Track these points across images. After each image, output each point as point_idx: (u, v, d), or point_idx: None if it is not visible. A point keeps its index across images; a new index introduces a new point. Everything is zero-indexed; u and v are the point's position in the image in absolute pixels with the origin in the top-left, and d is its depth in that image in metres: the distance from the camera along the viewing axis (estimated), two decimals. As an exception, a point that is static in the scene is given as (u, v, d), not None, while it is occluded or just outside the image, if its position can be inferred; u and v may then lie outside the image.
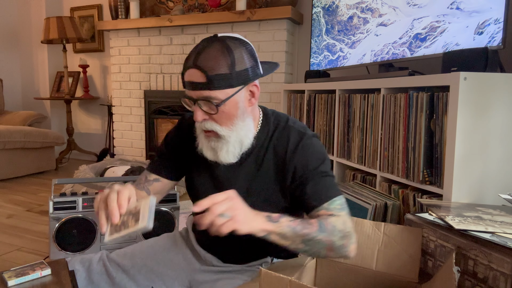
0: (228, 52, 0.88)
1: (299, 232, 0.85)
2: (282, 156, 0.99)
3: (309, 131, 1.02)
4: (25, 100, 4.35)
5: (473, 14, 1.52)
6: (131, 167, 2.58)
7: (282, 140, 1.00)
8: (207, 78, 0.87)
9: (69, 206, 1.50)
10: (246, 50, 0.91)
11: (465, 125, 1.25)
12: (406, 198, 1.50)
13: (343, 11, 2.35)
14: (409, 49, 1.84)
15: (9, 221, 2.15)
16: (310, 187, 0.96)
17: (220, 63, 0.87)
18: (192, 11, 3.38)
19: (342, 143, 2.02)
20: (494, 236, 0.91)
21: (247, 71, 0.90)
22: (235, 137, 0.95)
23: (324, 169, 0.98)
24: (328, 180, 0.97)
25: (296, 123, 1.05)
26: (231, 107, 0.92)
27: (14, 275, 1.00)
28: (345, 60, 2.34)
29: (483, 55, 1.31)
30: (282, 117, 1.06)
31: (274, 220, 0.84)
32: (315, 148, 1.00)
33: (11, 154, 3.17)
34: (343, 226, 0.89)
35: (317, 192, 0.95)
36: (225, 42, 0.89)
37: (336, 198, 0.95)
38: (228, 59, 0.88)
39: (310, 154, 0.98)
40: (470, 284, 0.93)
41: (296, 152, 0.98)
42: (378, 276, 1.01)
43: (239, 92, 0.92)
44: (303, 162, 0.97)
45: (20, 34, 4.26)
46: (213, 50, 0.88)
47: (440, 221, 1.04)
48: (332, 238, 0.87)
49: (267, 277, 0.77)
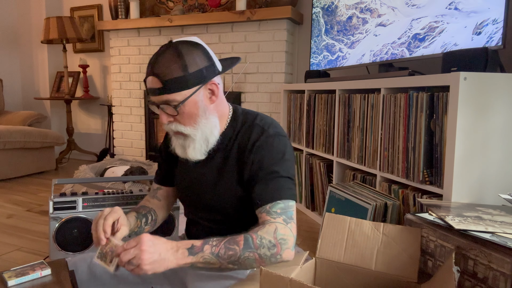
0: (180, 56, 0.94)
1: (223, 256, 0.89)
2: (243, 151, 1.03)
3: (272, 129, 1.04)
4: (25, 100, 4.35)
5: (471, 14, 1.53)
6: (131, 167, 2.58)
7: (245, 136, 1.04)
8: (162, 83, 0.94)
9: (69, 206, 1.49)
10: (198, 52, 0.97)
11: (465, 125, 1.25)
12: (406, 198, 1.51)
13: (342, 12, 2.35)
14: (408, 49, 1.84)
15: (9, 221, 2.15)
16: (259, 186, 0.98)
17: (173, 67, 0.94)
18: (192, 11, 3.39)
19: (342, 143, 2.02)
20: (494, 236, 0.91)
21: (202, 72, 0.96)
22: (200, 135, 1.01)
23: (277, 170, 0.99)
24: (279, 182, 0.98)
25: (264, 120, 1.07)
26: (191, 107, 0.98)
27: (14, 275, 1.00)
28: (345, 60, 2.35)
29: (483, 55, 1.31)
30: (251, 114, 1.09)
31: (195, 251, 0.88)
32: (273, 147, 1.01)
33: (11, 154, 3.18)
34: (274, 235, 0.91)
35: (263, 192, 0.98)
36: (177, 47, 0.96)
37: (280, 201, 0.96)
38: (180, 63, 0.94)
39: (266, 152, 1.00)
40: (470, 284, 0.93)
41: (253, 149, 1.01)
42: (378, 276, 1.01)
43: (196, 92, 0.97)
44: (258, 159, 1.00)
45: (20, 34, 4.26)
46: (166, 57, 0.95)
47: (440, 221, 1.04)
48: (259, 252, 0.90)
49: (268, 276, 0.77)
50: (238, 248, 0.89)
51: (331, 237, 1.09)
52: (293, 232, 0.95)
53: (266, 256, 0.90)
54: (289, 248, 0.93)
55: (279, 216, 0.95)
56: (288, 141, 1.07)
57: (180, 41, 0.98)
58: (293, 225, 0.96)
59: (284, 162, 1.01)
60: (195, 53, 0.96)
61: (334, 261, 1.06)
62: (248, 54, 3.05)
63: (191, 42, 0.98)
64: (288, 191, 0.99)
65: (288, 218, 0.96)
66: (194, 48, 0.96)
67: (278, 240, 0.91)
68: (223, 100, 1.08)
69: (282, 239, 0.92)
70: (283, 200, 0.97)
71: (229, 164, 1.05)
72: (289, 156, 1.03)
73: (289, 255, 0.93)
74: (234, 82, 3.12)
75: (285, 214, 0.96)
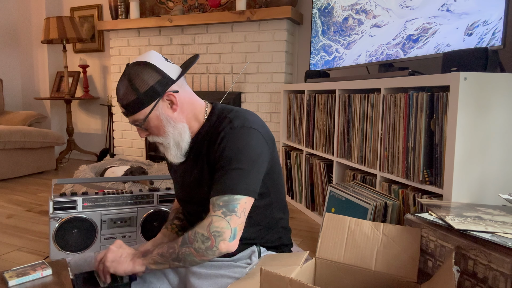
0: (130, 80, 1.03)
1: (166, 254, 0.99)
2: (211, 143, 1.07)
3: (238, 121, 1.05)
4: (25, 100, 4.35)
5: (462, 16, 1.56)
6: (131, 167, 2.58)
7: (216, 129, 1.07)
8: (124, 108, 1.05)
9: (69, 206, 1.50)
10: (147, 71, 1.02)
11: (465, 125, 1.25)
12: (406, 198, 1.51)
13: (338, 13, 2.38)
14: (402, 50, 1.87)
15: (9, 221, 2.15)
16: (217, 177, 1.02)
17: (126, 92, 1.03)
18: (192, 11, 3.39)
19: (342, 143, 2.02)
20: (494, 236, 0.91)
21: (153, 88, 1.02)
22: (172, 142, 1.09)
23: (236, 162, 1.00)
24: (234, 174, 0.99)
25: (236, 113, 1.09)
26: (154, 121, 1.06)
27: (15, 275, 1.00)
28: (341, 60, 2.37)
29: (483, 55, 1.31)
30: (227, 109, 1.12)
31: (147, 253, 1.03)
32: (236, 139, 1.02)
33: (11, 154, 3.18)
34: (207, 228, 0.95)
35: (216, 183, 1.01)
36: (128, 73, 1.04)
37: (226, 195, 0.97)
38: (130, 87, 1.03)
39: (228, 144, 1.02)
40: (470, 284, 0.93)
41: (218, 140, 1.04)
42: (377, 276, 1.01)
43: (155, 107, 1.05)
44: (220, 150, 1.03)
45: (20, 34, 4.26)
46: (120, 84, 1.05)
47: (440, 221, 1.04)
48: (194, 246, 0.96)
49: (268, 276, 0.77)
50: (177, 246, 0.98)
51: (331, 237, 1.09)
52: (231, 225, 0.96)
53: (201, 250, 0.95)
54: (225, 239, 0.95)
55: (219, 209, 0.97)
56: (259, 134, 1.05)
57: (132, 63, 1.06)
58: (233, 217, 0.96)
59: (245, 155, 1.01)
60: (143, 73, 1.02)
61: (334, 261, 1.06)
62: (248, 54, 3.05)
63: (139, 63, 1.04)
64: (240, 185, 0.98)
65: (228, 211, 0.96)
66: (142, 68, 1.03)
67: (211, 233, 0.95)
68: (193, 101, 1.12)
69: (216, 231, 0.95)
70: (230, 194, 0.97)
71: (202, 156, 1.10)
72: (254, 150, 1.02)
73: (226, 247, 0.96)
74: (234, 82, 3.12)
75: (226, 207, 0.97)
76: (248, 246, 1.13)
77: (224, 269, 1.06)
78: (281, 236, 1.21)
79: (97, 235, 1.54)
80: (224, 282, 1.02)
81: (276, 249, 1.19)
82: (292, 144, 2.63)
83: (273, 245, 1.18)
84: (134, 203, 1.60)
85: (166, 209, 1.62)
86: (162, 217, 1.62)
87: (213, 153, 1.05)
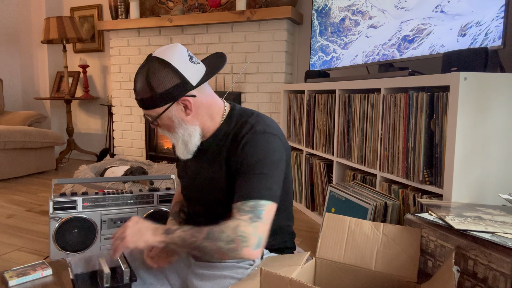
0: (148, 77, 1.00)
1: (188, 241, 0.96)
2: (233, 147, 1.05)
3: (260, 127, 1.04)
4: (25, 100, 4.35)
5: (456, 17, 1.58)
6: (131, 167, 2.58)
7: (236, 133, 1.06)
8: (139, 101, 1.05)
9: (69, 206, 1.50)
10: (166, 72, 0.99)
11: (465, 125, 1.25)
12: (406, 198, 1.51)
13: (335, 13, 2.40)
14: (398, 50, 1.89)
15: (9, 221, 2.15)
16: (238, 182, 1.01)
17: (143, 88, 1.01)
18: (192, 11, 3.38)
19: (342, 143, 2.02)
20: (494, 236, 0.91)
21: (169, 91, 1.00)
22: (180, 141, 1.09)
23: (259, 167, 0.99)
24: (258, 179, 0.99)
25: (257, 118, 1.08)
26: (166, 121, 1.06)
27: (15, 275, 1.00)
28: (339, 61, 2.39)
29: (483, 55, 1.31)
30: (247, 113, 1.11)
31: (169, 232, 1.00)
32: (258, 144, 1.02)
33: (11, 154, 3.18)
34: (234, 231, 0.93)
35: (239, 189, 1.00)
36: (148, 69, 1.00)
37: (252, 200, 0.96)
38: (146, 85, 1.00)
39: (251, 149, 1.01)
40: (470, 284, 0.93)
41: (240, 145, 1.03)
42: (377, 276, 1.01)
43: (168, 109, 1.03)
44: (243, 155, 1.02)
45: (20, 34, 4.26)
46: (138, 78, 1.03)
47: (440, 221, 1.04)
48: (217, 244, 0.93)
49: (268, 276, 0.77)
50: (201, 237, 0.95)
51: (331, 237, 1.09)
52: (258, 232, 0.94)
53: (223, 250, 0.93)
54: (249, 246, 0.93)
55: (246, 214, 0.95)
56: (279, 140, 1.06)
57: (154, 57, 1.02)
58: (259, 224, 0.95)
59: (268, 160, 1.01)
60: (162, 74, 0.99)
61: (334, 261, 1.06)
62: (248, 54, 3.05)
63: (161, 61, 1.00)
64: (264, 190, 0.98)
65: (255, 217, 0.95)
66: (162, 68, 1.00)
67: (237, 236, 0.92)
68: (211, 104, 1.10)
69: (242, 236, 0.92)
70: (256, 199, 0.96)
71: (220, 157, 1.08)
72: (276, 156, 1.03)
73: (249, 254, 0.94)
74: (234, 82, 3.12)
75: (253, 212, 0.95)
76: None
77: (227, 270, 1.06)
78: (286, 240, 1.21)
79: (97, 235, 1.54)
80: (227, 283, 1.01)
81: (279, 252, 1.18)
82: (292, 144, 2.63)
83: (276, 248, 1.18)
84: (134, 203, 1.60)
85: (166, 209, 1.62)
86: (162, 217, 1.62)
87: (235, 158, 1.04)
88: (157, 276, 1.12)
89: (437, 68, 1.99)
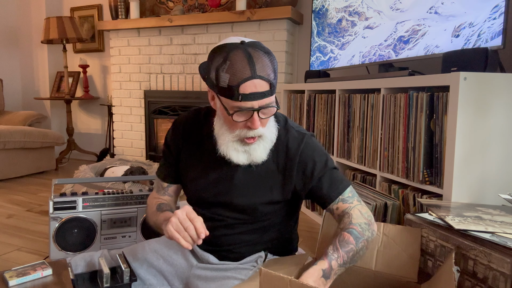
0: (272, 60, 0.93)
1: (347, 260, 0.91)
2: (286, 156, 1.05)
3: (302, 130, 1.10)
4: (25, 100, 4.35)
5: (449, 18, 1.59)
6: (131, 167, 2.58)
7: (284, 139, 1.06)
8: (270, 86, 0.93)
9: (69, 206, 1.50)
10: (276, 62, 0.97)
11: (465, 125, 1.25)
12: (406, 198, 1.51)
13: (333, 14, 2.42)
14: (394, 51, 1.91)
15: (9, 221, 2.15)
16: (326, 182, 1.04)
17: (272, 70, 0.93)
18: (192, 11, 3.38)
19: (342, 143, 2.02)
20: (494, 236, 0.91)
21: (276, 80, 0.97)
22: (269, 135, 1.02)
23: (330, 163, 1.06)
24: (336, 173, 1.06)
25: (293, 123, 1.12)
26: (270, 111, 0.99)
27: (15, 275, 1.00)
28: (336, 61, 2.40)
29: (483, 55, 1.31)
30: (280, 117, 1.11)
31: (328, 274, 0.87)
32: (317, 145, 1.08)
33: (11, 154, 3.17)
34: (364, 216, 1.00)
35: (331, 188, 1.04)
36: (267, 50, 0.94)
37: (347, 188, 1.05)
38: (273, 67, 0.93)
39: (315, 152, 1.05)
40: (470, 284, 0.93)
41: (300, 152, 1.04)
42: (378, 276, 1.01)
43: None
44: (311, 160, 1.04)
45: (20, 34, 4.26)
46: (265, 59, 0.92)
47: (440, 221, 1.04)
48: (365, 236, 0.96)
49: (267, 277, 0.77)
50: (353, 245, 0.92)
51: (332, 237, 1.09)
52: (366, 206, 1.05)
53: (369, 238, 0.98)
54: (374, 220, 1.03)
55: (352, 199, 1.04)
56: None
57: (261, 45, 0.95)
58: (362, 201, 1.06)
59: (327, 154, 1.08)
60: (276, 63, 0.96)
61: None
62: (248, 54, 3.04)
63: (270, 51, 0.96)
64: (343, 177, 1.07)
65: (358, 198, 1.05)
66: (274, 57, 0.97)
67: (368, 218, 1.00)
68: None
69: (369, 216, 1.02)
70: (348, 187, 1.05)
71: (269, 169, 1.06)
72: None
73: (376, 225, 1.05)
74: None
75: (355, 195, 1.05)
76: (257, 251, 1.12)
77: (230, 271, 1.05)
78: (291, 243, 1.22)
79: (97, 235, 1.54)
80: (231, 284, 1.01)
81: (282, 254, 1.18)
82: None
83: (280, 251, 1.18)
84: (134, 203, 1.60)
85: (166, 209, 1.62)
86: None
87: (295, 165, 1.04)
88: (156, 276, 1.12)
89: (432, 68, 1.99)
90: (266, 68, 0.91)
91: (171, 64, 3.39)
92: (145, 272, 1.11)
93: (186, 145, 1.14)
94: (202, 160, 1.11)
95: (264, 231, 1.10)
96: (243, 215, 1.08)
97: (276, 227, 1.11)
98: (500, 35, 1.37)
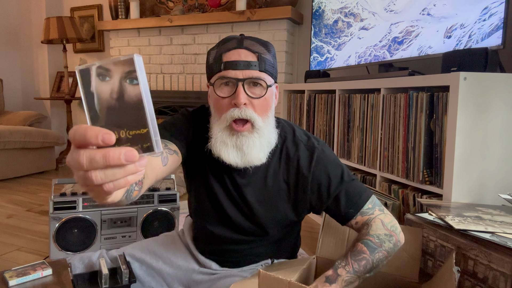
0: (268, 46, 0.91)
1: (360, 268, 0.85)
2: (298, 175, 0.97)
3: (315, 141, 1.00)
4: (25, 100, 4.34)
5: (442, 19, 1.63)
6: (131, 167, 2.57)
7: (293, 155, 0.97)
8: (259, 58, 0.85)
9: (69, 206, 1.50)
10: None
11: (465, 125, 1.25)
12: (406, 198, 1.51)
13: (329, 15, 2.45)
14: (388, 51, 1.94)
15: (9, 221, 2.15)
16: (342, 200, 0.95)
17: (266, 50, 0.89)
18: (192, 11, 3.38)
19: (342, 143, 2.02)
20: (494, 236, 0.91)
21: (276, 70, 0.93)
22: (267, 132, 0.90)
23: (346, 174, 0.97)
24: (354, 186, 0.97)
25: (301, 133, 1.02)
26: (270, 97, 0.90)
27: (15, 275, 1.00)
28: (333, 61, 2.43)
29: (483, 55, 1.31)
30: (287, 127, 1.03)
31: (333, 279, 0.82)
32: (330, 158, 0.98)
33: (11, 154, 3.17)
34: (385, 227, 0.92)
35: (349, 202, 0.95)
36: (263, 41, 0.92)
37: (368, 199, 0.96)
38: (269, 51, 0.90)
39: (329, 167, 0.96)
40: (470, 284, 0.93)
41: (313, 171, 0.96)
42: (378, 276, 1.01)
43: (273, 86, 0.92)
44: (325, 177, 0.96)
45: (20, 34, 4.26)
46: (257, 40, 0.89)
47: (440, 221, 1.04)
48: (385, 247, 0.89)
49: (266, 279, 0.76)
50: (366, 255, 0.87)
51: (332, 237, 1.09)
52: (392, 215, 0.97)
53: (391, 249, 0.90)
54: (400, 230, 0.94)
55: (373, 209, 0.95)
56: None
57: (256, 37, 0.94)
58: (386, 210, 0.97)
59: (342, 165, 0.99)
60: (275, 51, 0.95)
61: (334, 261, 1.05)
62: (248, 54, 3.05)
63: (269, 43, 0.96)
64: (362, 187, 0.98)
65: (380, 207, 0.96)
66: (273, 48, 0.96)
67: (390, 229, 0.92)
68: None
69: (392, 226, 0.93)
70: (369, 197, 0.96)
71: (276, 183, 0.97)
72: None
73: (402, 237, 0.94)
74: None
75: (376, 205, 0.96)
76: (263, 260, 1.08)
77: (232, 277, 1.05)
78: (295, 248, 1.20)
79: (97, 235, 1.54)
80: (232, 280, 1.00)
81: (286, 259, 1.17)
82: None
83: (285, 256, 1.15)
84: (134, 203, 1.60)
85: (166, 209, 1.62)
86: (162, 217, 1.62)
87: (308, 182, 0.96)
88: (155, 278, 1.11)
89: (426, 68, 2.00)
90: (258, 46, 0.87)
91: (171, 64, 3.39)
92: (144, 274, 1.10)
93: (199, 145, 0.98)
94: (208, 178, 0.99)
95: (273, 245, 1.07)
96: (253, 237, 1.04)
97: (286, 240, 1.09)
98: (490, 36, 1.40)
